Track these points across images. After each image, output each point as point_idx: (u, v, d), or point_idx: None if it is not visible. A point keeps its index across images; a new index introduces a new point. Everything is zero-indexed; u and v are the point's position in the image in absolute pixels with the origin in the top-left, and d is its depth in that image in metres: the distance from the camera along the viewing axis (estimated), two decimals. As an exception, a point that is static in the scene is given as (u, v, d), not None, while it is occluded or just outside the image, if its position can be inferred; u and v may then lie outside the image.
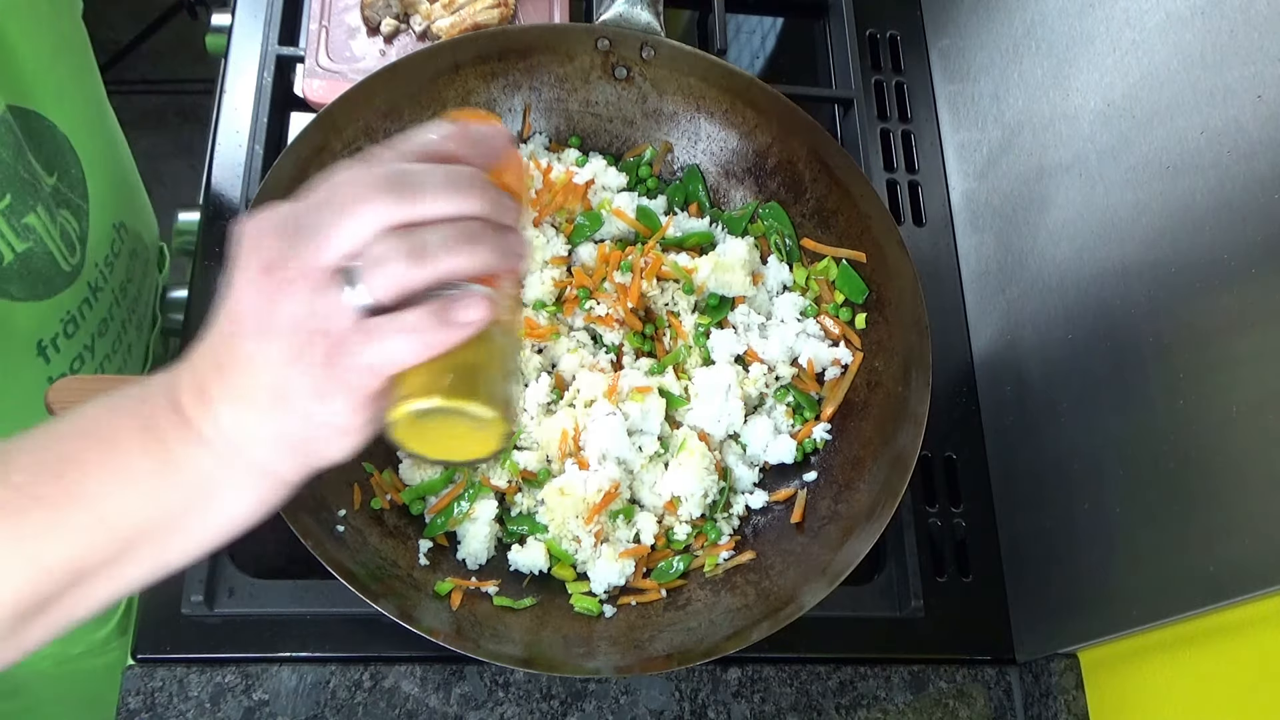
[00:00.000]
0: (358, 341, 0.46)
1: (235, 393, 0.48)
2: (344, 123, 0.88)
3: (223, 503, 0.49)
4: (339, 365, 0.46)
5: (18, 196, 0.67)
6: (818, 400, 0.94)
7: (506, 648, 0.79)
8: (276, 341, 0.46)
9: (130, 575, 0.49)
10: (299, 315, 0.46)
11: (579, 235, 0.95)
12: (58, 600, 0.47)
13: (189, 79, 2.14)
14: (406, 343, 0.46)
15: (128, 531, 0.47)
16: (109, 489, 0.47)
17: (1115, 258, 0.85)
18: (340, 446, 0.50)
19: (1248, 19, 0.71)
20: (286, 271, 0.47)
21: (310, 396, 0.47)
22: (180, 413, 0.48)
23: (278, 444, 0.49)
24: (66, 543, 0.46)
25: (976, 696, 0.94)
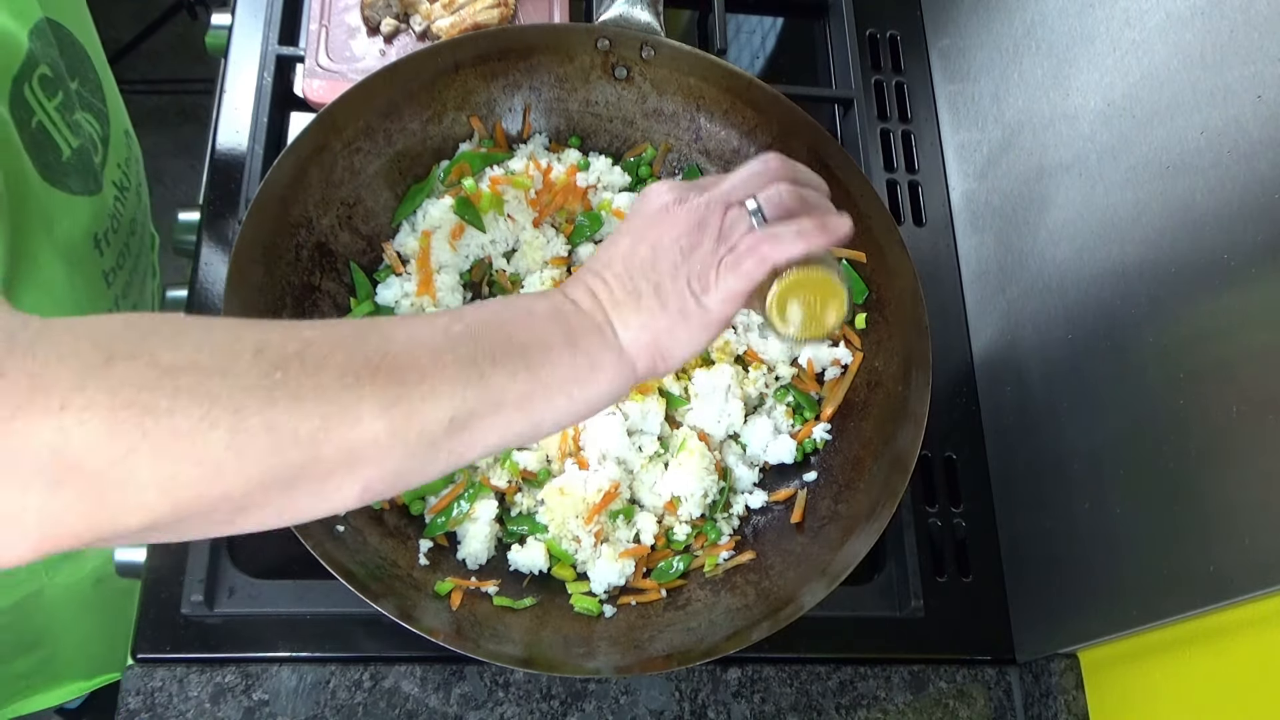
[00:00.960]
0: (761, 237, 0.61)
1: (624, 288, 0.60)
2: (344, 123, 0.88)
3: (598, 383, 0.59)
4: (737, 255, 0.61)
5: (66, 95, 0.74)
6: (818, 400, 0.94)
7: (506, 648, 0.79)
8: (679, 243, 0.61)
9: (517, 428, 0.56)
10: (706, 226, 0.61)
11: (579, 235, 0.95)
12: (475, 425, 0.53)
13: (189, 79, 2.14)
14: (796, 240, 0.61)
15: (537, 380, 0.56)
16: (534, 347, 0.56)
17: (1115, 258, 0.85)
18: (688, 348, 0.61)
19: (1248, 19, 0.71)
20: (696, 201, 0.62)
21: (694, 290, 0.60)
22: (579, 309, 0.60)
23: (646, 339, 0.60)
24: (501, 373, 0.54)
25: (976, 696, 0.94)
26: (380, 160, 0.92)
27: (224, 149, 1.03)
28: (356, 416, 0.49)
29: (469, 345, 0.54)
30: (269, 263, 0.84)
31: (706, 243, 0.61)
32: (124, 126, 0.91)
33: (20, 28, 0.68)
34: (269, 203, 0.83)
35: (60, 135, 0.73)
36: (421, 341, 0.53)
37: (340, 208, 0.90)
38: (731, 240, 0.61)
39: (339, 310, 0.90)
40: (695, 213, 0.62)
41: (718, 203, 0.62)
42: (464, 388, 0.52)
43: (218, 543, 0.83)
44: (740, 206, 0.62)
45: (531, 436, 0.57)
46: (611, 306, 0.60)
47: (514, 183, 0.92)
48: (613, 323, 0.60)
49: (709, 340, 0.62)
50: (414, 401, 0.51)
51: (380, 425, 0.49)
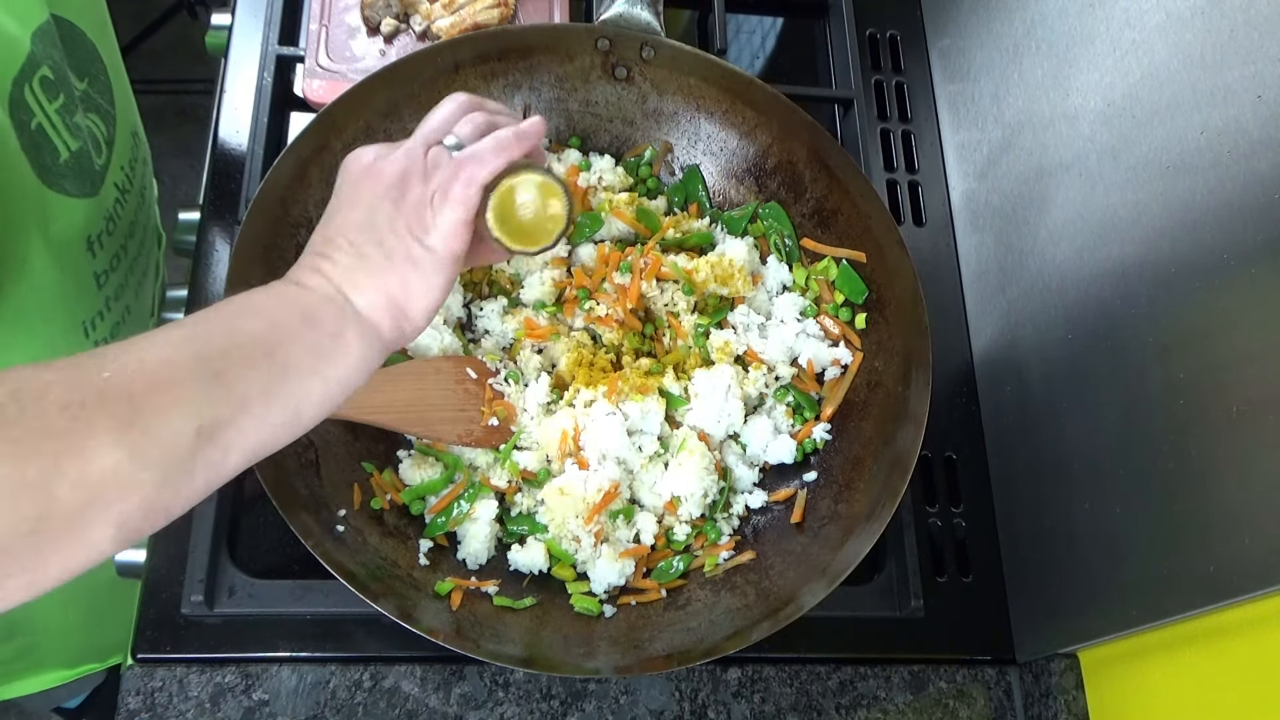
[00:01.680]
0: (460, 163, 0.62)
1: (347, 255, 0.60)
2: (344, 123, 0.88)
3: (346, 355, 0.58)
4: (445, 187, 0.61)
5: (68, 97, 0.74)
6: (818, 400, 0.94)
7: (506, 648, 0.79)
8: (388, 195, 0.61)
9: (273, 420, 0.54)
10: (410, 173, 0.62)
11: (579, 236, 0.95)
12: (224, 429, 0.51)
13: (189, 79, 2.14)
14: (496, 152, 0.63)
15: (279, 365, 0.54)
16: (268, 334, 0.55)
17: (1115, 258, 0.85)
18: (428, 298, 0.61)
19: (1248, 19, 0.71)
20: (395, 153, 0.63)
21: (415, 234, 0.60)
22: (307, 288, 0.59)
23: (381, 298, 0.60)
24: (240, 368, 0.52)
25: (976, 696, 0.94)
26: (380, 160, 0.92)
27: (224, 149, 1.03)
28: (90, 448, 0.45)
29: (199, 347, 0.51)
30: (269, 263, 0.84)
31: (415, 186, 0.62)
32: (132, 128, 0.91)
33: (23, 30, 0.68)
34: (269, 203, 0.83)
35: (59, 137, 0.73)
36: (146, 355, 0.49)
37: (340, 208, 0.90)
38: (438, 177, 0.62)
39: (339, 310, 0.90)
40: (397, 163, 0.62)
41: (417, 146, 0.64)
42: (203, 392, 0.50)
43: (217, 542, 0.83)
44: (439, 146, 0.64)
45: (295, 427, 0.55)
46: (341, 276, 0.59)
47: (514, 183, 0.92)
48: (344, 292, 0.59)
49: (447, 282, 0.62)
50: (150, 419, 0.47)
51: (119, 453, 0.45)
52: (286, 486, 0.77)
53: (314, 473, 0.81)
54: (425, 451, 0.87)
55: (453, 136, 0.65)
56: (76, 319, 0.83)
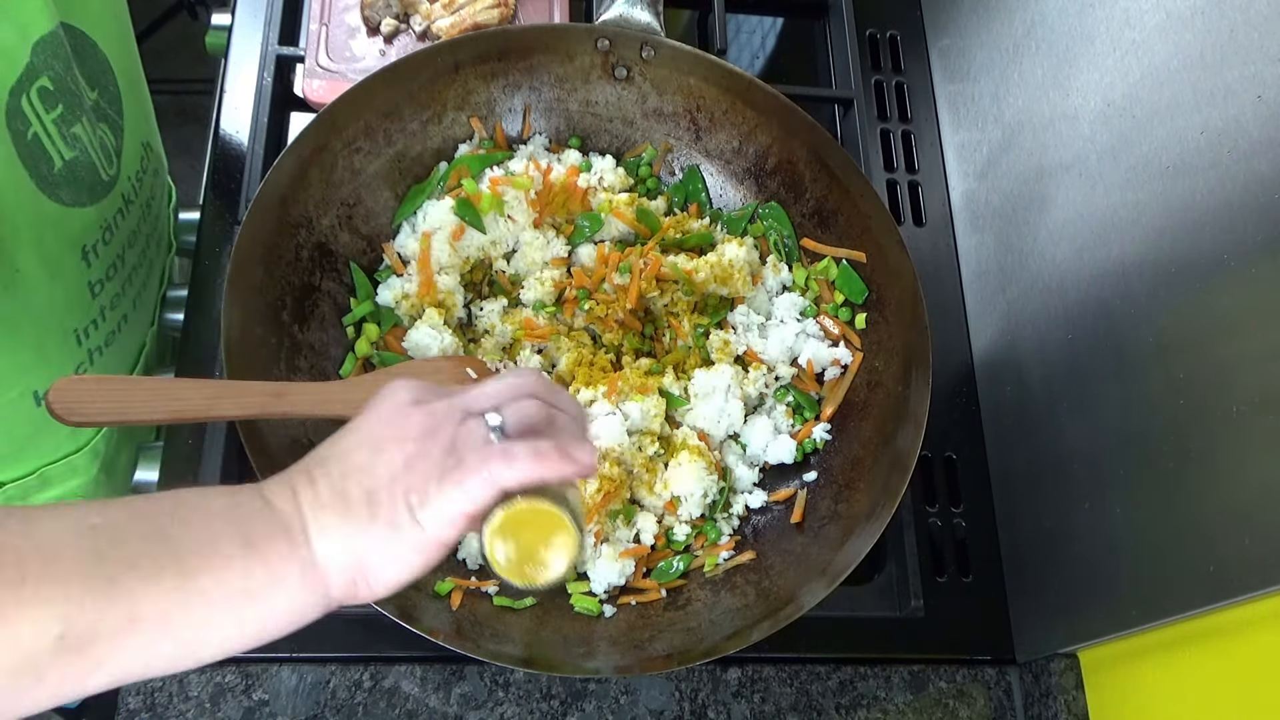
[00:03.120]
0: (489, 455, 0.54)
1: (331, 490, 0.53)
2: (344, 123, 0.88)
3: (277, 601, 0.51)
4: (464, 472, 0.53)
5: (68, 107, 0.73)
6: (818, 400, 0.94)
7: (506, 648, 0.79)
8: (404, 449, 0.54)
9: (162, 649, 0.48)
10: (438, 434, 0.54)
11: (579, 236, 0.95)
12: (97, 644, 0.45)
13: (189, 79, 2.13)
14: (531, 461, 0.54)
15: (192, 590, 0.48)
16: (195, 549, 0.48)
17: (1115, 258, 0.85)
18: (396, 573, 0.54)
19: (1248, 19, 0.71)
20: (435, 405, 0.56)
21: (411, 504, 0.53)
22: (271, 507, 0.52)
23: (346, 554, 0.52)
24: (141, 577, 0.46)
25: (976, 696, 0.94)
26: (380, 160, 0.92)
27: (224, 149, 1.03)
28: None
29: (104, 542, 0.45)
30: (269, 263, 0.84)
31: (434, 452, 0.54)
32: (143, 139, 0.90)
33: (22, 40, 0.67)
34: (269, 203, 0.84)
35: (54, 147, 0.73)
36: (37, 534, 0.44)
37: (340, 208, 0.90)
38: (462, 453, 0.54)
39: (339, 310, 0.90)
40: (430, 418, 0.55)
41: (457, 410, 0.56)
42: (83, 593, 0.43)
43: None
44: (480, 418, 0.56)
45: (186, 661, 0.49)
46: (312, 509, 0.52)
47: (514, 183, 0.92)
48: (308, 528, 0.51)
49: (424, 565, 0.54)
50: (6, 609, 0.42)
51: None
52: (286, 486, 0.77)
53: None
54: (425, 451, 0.86)
55: (497, 416, 0.56)
56: (69, 327, 0.83)
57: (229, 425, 0.88)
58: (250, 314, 0.82)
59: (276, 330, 0.84)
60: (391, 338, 0.89)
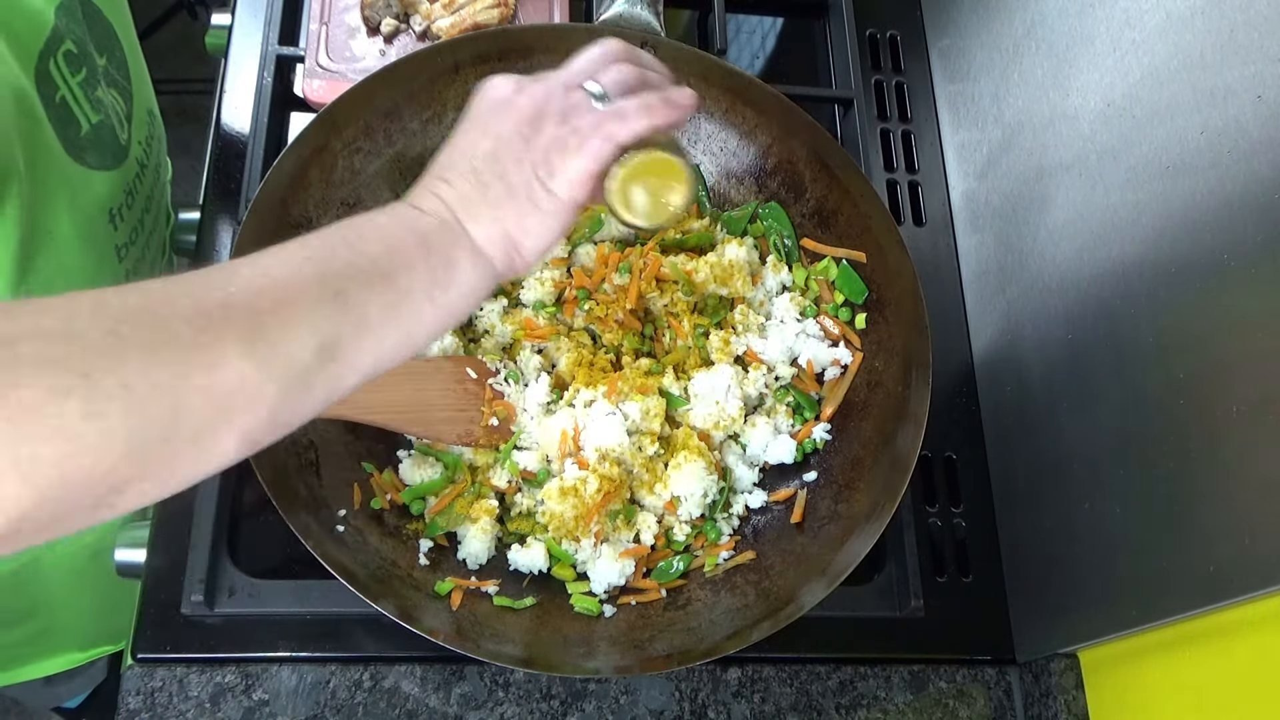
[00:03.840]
0: (605, 115, 0.60)
1: (468, 183, 0.59)
2: (344, 123, 0.88)
3: (459, 282, 0.58)
4: (582, 136, 0.59)
5: (90, 71, 0.74)
6: (818, 400, 0.94)
7: (506, 648, 0.79)
8: (520, 130, 0.59)
9: (388, 341, 0.54)
10: (547, 110, 0.60)
11: (579, 236, 0.95)
12: (344, 347, 0.52)
13: (189, 79, 2.14)
14: (642, 115, 0.60)
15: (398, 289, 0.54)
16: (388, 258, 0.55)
17: (1115, 258, 0.85)
18: (541, 239, 0.60)
19: (1248, 19, 0.71)
20: (534, 88, 0.61)
21: (540, 176, 0.59)
22: (424, 212, 0.58)
23: (497, 231, 0.59)
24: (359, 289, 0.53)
25: (976, 696, 0.94)
26: (380, 160, 0.92)
27: (224, 149, 1.03)
28: (219, 360, 0.46)
29: (321, 267, 0.52)
30: (269, 263, 0.84)
31: (550, 127, 0.60)
32: (148, 105, 0.91)
33: (47, 3, 0.69)
34: (269, 203, 0.83)
35: (80, 110, 0.74)
36: (271, 272, 0.51)
37: (340, 208, 0.90)
38: (575, 122, 0.60)
39: (339, 310, 0.90)
40: (536, 100, 0.60)
41: (558, 87, 0.61)
42: (325, 310, 0.51)
43: (218, 542, 0.83)
44: (581, 90, 0.61)
45: (407, 350, 0.56)
46: (459, 204, 0.59)
47: (514, 183, 0.92)
48: (461, 220, 0.58)
49: (562, 227, 0.61)
50: (276, 333, 0.48)
51: (246, 365, 0.47)
52: (286, 486, 0.77)
53: (314, 473, 0.81)
54: (425, 451, 0.87)
55: (596, 84, 0.61)
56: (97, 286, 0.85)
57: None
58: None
59: (276, 330, 0.85)
60: (391, 338, 0.89)
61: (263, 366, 0.47)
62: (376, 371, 0.54)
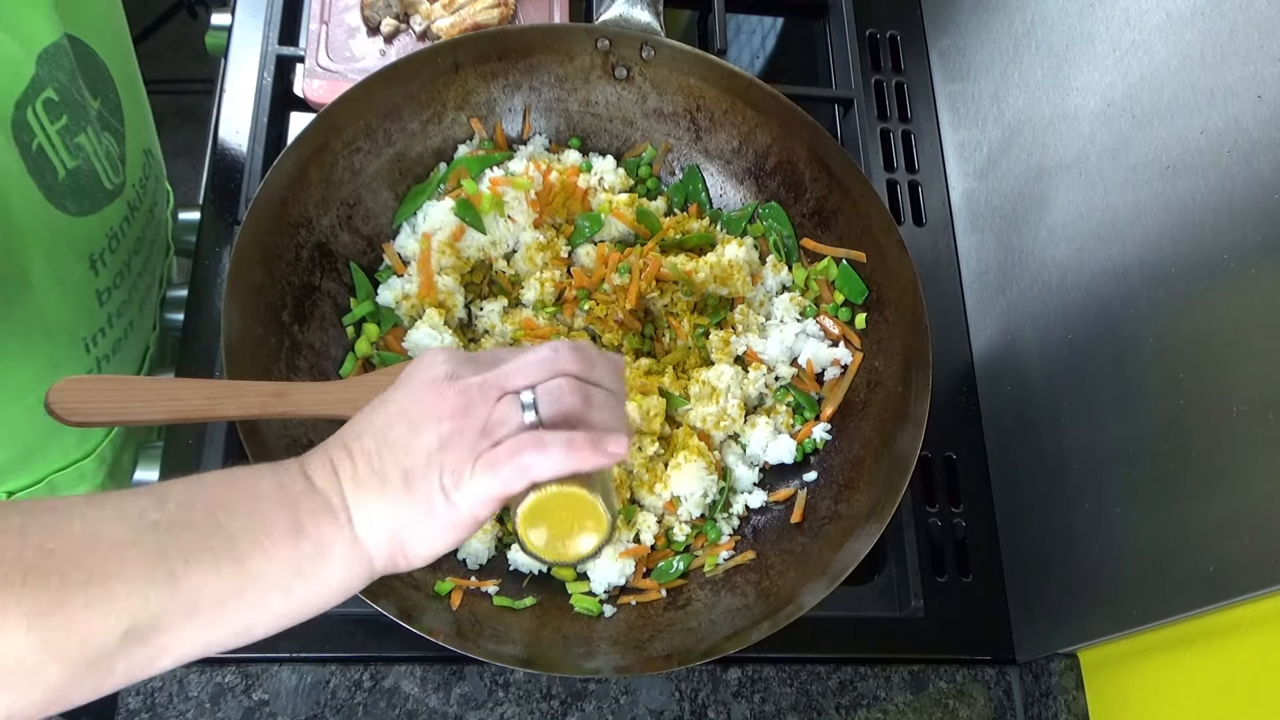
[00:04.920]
0: (526, 442, 0.55)
1: (368, 467, 0.55)
2: (344, 123, 0.88)
3: (324, 576, 0.54)
4: (497, 459, 0.55)
5: (72, 117, 0.73)
6: (818, 400, 0.94)
7: (506, 648, 0.79)
8: (439, 428, 0.55)
9: (219, 633, 0.50)
10: (472, 413, 0.56)
11: (579, 237, 0.95)
12: (161, 633, 0.48)
13: (189, 79, 2.14)
14: (564, 455, 0.55)
15: (248, 575, 0.50)
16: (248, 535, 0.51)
17: (1115, 258, 0.85)
18: (431, 547, 0.56)
19: (1248, 19, 0.71)
20: (469, 381, 0.57)
21: (445, 485, 0.55)
22: (314, 487, 0.54)
23: (385, 529, 0.55)
24: (201, 569, 0.48)
25: (976, 696, 0.94)
26: (380, 160, 0.92)
27: (224, 149, 1.03)
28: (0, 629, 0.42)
29: (164, 536, 0.47)
30: (269, 263, 0.84)
31: (468, 434, 0.56)
32: (144, 145, 0.90)
33: (27, 53, 0.67)
34: (269, 203, 0.84)
35: (57, 157, 0.72)
36: (101, 532, 0.46)
37: (340, 208, 0.90)
38: (496, 435, 0.56)
39: (339, 310, 0.90)
40: (465, 395, 0.57)
41: (492, 388, 0.57)
42: (147, 589, 0.46)
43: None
44: (514, 397, 0.57)
45: (243, 638, 0.52)
46: (352, 486, 0.54)
47: (514, 184, 0.92)
48: (349, 505, 0.54)
49: (457, 539, 0.57)
50: (76, 609, 0.44)
51: (29, 641, 0.42)
52: (286, 486, 0.77)
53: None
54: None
55: (531, 394, 0.57)
56: (78, 336, 0.83)
57: (229, 425, 0.88)
58: (250, 314, 0.82)
59: (276, 330, 0.84)
60: (391, 338, 0.89)
61: (50, 644, 0.43)
62: (201, 655, 0.50)
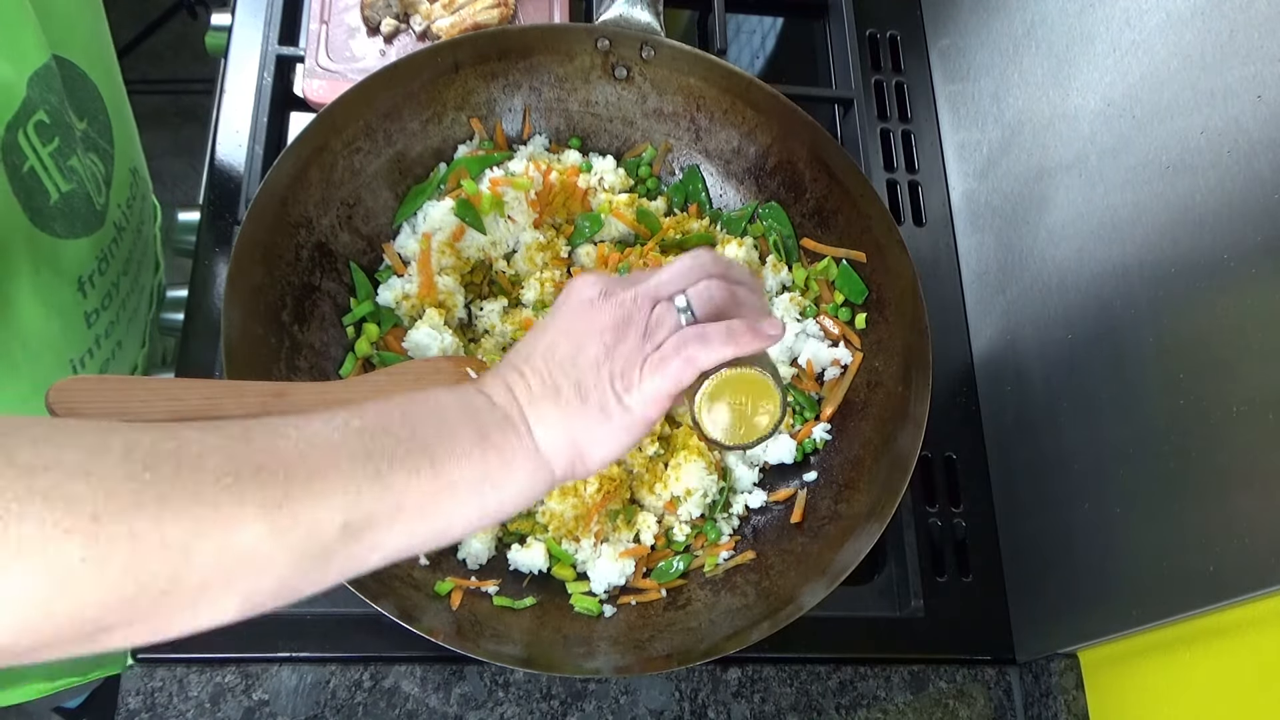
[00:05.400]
0: (688, 337, 0.58)
1: (542, 383, 0.57)
2: (344, 123, 0.88)
3: (510, 484, 0.55)
4: (664, 356, 0.57)
5: (64, 140, 0.72)
6: (818, 400, 0.94)
7: (506, 648, 0.79)
8: (603, 339, 0.58)
9: (421, 530, 0.52)
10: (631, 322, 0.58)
11: (579, 237, 0.95)
12: (372, 529, 0.50)
13: (189, 79, 2.14)
14: (725, 342, 0.58)
15: (443, 479, 0.52)
16: (441, 443, 0.53)
17: (1115, 258, 0.85)
18: (609, 450, 0.58)
19: (1248, 19, 0.71)
20: (623, 295, 0.59)
21: (617, 390, 0.57)
22: (493, 403, 0.57)
23: (563, 438, 0.57)
24: (403, 472, 0.51)
25: (976, 696, 0.94)
26: (380, 160, 0.92)
27: (224, 149, 1.03)
28: (235, 520, 0.44)
29: (368, 441, 0.50)
30: (269, 263, 0.84)
31: (632, 339, 0.58)
32: (131, 165, 0.89)
33: (19, 75, 0.66)
34: (269, 203, 0.84)
35: (50, 180, 0.72)
36: (315, 438, 0.49)
37: (340, 208, 0.90)
38: (658, 338, 0.58)
39: (339, 310, 0.90)
40: (621, 308, 0.59)
41: (645, 298, 0.59)
42: (360, 488, 0.49)
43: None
44: (668, 302, 0.60)
45: (439, 540, 0.54)
46: (528, 402, 0.57)
47: (514, 184, 0.92)
48: (528, 419, 0.56)
49: (632, 442, 0.59)
50: (302, 503, 0.47)
51: (261, 529, 0.45)
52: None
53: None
54: (425, 451, 0.86)
55: (684, 298, 0.59)
56: (64, 358, 0.82)
57: (229, 425, 0.88)
58: (250, 314, 0.82)
59: (276, 330, 0.85)
60: (391, 338, 0.89)
61: (280, 535, 0.46)
62: (406, 555, 0.53)
